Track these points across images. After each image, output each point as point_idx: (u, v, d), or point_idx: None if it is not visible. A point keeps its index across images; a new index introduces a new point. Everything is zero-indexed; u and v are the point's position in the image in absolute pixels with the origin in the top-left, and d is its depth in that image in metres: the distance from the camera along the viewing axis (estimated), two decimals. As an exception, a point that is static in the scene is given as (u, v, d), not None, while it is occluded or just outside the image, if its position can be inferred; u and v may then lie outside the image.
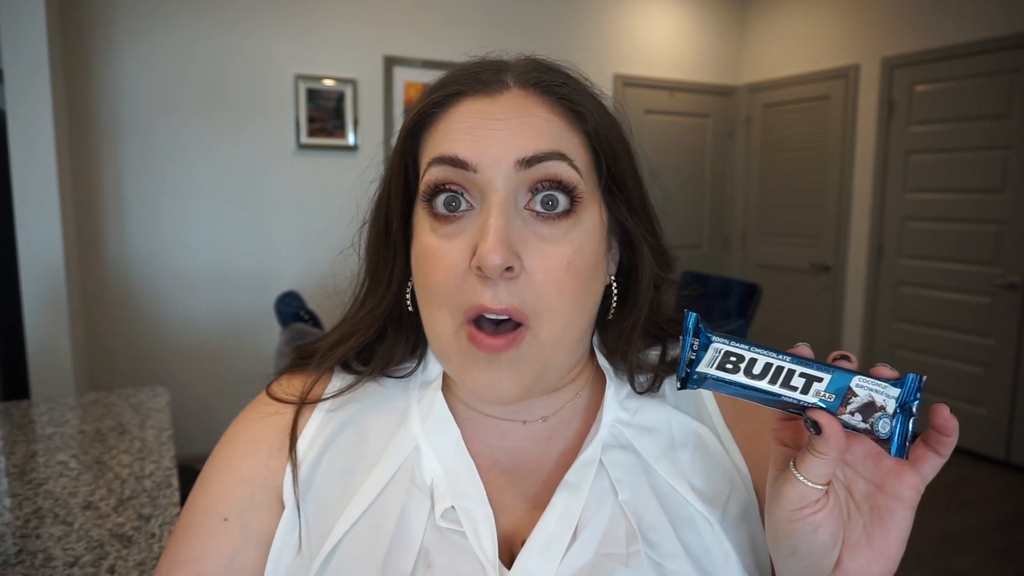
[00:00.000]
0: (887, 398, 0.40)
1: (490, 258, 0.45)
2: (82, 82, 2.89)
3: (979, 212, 3.34)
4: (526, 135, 0.49)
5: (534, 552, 0.49)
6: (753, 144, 4.54)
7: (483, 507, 0.51)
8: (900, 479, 0.41)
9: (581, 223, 0.50)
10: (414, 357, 0.60)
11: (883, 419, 0.39)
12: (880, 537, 0.41)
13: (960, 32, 3.37)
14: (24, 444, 1.31)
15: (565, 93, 0.51)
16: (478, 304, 0.48)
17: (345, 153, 3.42)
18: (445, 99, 0.52)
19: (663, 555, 0.49)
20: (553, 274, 0.48)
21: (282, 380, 0.60)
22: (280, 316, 2.32)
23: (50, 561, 0.89)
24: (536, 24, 3.82)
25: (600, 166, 0.53)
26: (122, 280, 3.06)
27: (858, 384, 0.40)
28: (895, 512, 0.41)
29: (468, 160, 0.49)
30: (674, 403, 0.58)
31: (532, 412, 0.57)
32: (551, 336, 0.49)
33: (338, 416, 0.57)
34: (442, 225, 0.50)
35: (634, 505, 0.51)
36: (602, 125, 0.52)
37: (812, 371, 0.40)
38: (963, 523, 2.71)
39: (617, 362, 0.58)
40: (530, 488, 0.54)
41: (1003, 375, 3.28)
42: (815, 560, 0.42)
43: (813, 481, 0.40)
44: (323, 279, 3.60)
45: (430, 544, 0.50)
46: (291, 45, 3.24)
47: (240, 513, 0.53)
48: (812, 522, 0.41)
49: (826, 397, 0.40)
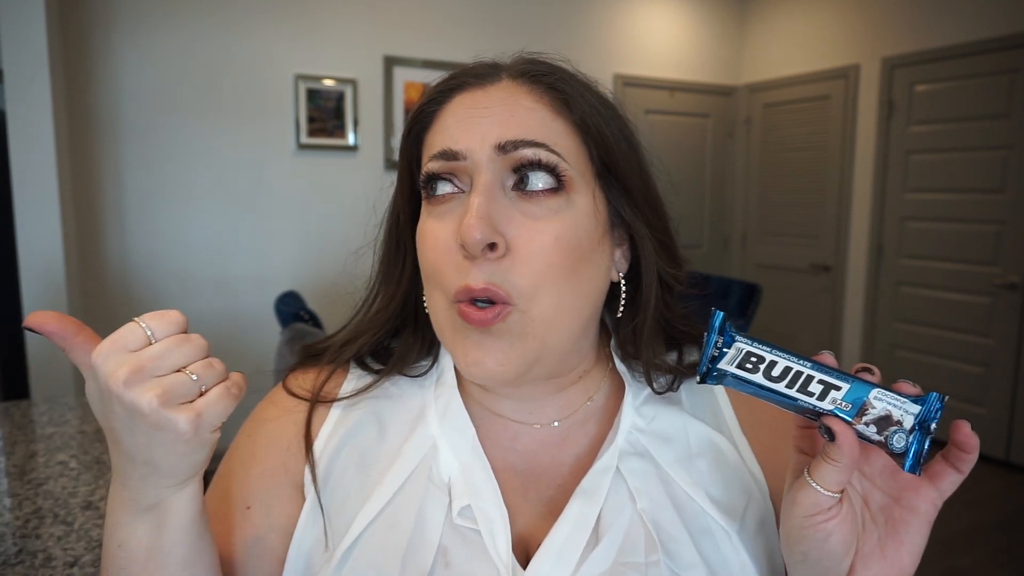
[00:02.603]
0: (905, 413, 0.40)
1: (470, 233, 0.46)
2: (82, 82, 2.89)
3: (979, 212, 3.34)
4: (508, 122, 0.50)
5: (548, 557, 0.49)
6: (753, 144, 4.53)
7: (498, 508, 0.51)
8: (918, 493, 0.41)
9: (572, 204, 0.51)
10: (429, 356, 0.61)
11: (899, 433, 0.39)
12: (894, 549, 0.41)
13: (960, 32, 3.37)
14: (24, 444, 1.31)
15: (552, 82, 0.52)
16: (463, 286, 0.48)
17: (345, 153, 3.42)
18: (442, 95, 0.54)
19: (682, 566, 0.49)
20: (540, 249, 0.49)
21: (297, 375, 0.61)
22: (280, 316, 2.32)
23: (50, 561, 0.89)
24: (536, 24, 3.82)
25: (590, 153, 0.53)
26: (122, 280, 3.06)
27: (876, 397, 0.40)
28: (911, 525, 0.41)
29: (457, 150, 0.50)
30: (691, 411, 0.57)
31: (543, 416, 0.57)
32: (543, 313, 0.49)
33: (355, 413, 0.57)
34: (436, 207, 0.52)
35: (652, 514, 0.51)
36: (591, 115, 0.52)
37: (831, 379, 0.40)
38: (963, 523, 2.71)
39: (633, 364, 0.58)
40: (545, 492, 0.54)
41: (1003, 375, 3.28)
42: (825, 568, 0.42)
43: (826, 488, 0.40)
44: (324, 279, 3.60)
45: (448, 542, 0.50)
46: (291, 45, 3.24)
47: (262, 502, 0.54)
48: (824, 529, 0.41)
49: (842, 406, 0.40)
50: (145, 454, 0.41)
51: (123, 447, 0.42)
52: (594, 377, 0.59)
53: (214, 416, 0.41)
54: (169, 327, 0.41)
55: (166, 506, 0.44)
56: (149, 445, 0.40)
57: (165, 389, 0.39)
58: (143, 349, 0.40)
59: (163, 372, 0.40)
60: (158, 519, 0.45)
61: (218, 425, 0.42)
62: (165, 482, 0.43)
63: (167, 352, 0.40)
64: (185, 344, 0.41)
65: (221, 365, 0.42)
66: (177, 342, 0.40)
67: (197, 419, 0.40)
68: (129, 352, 0.39)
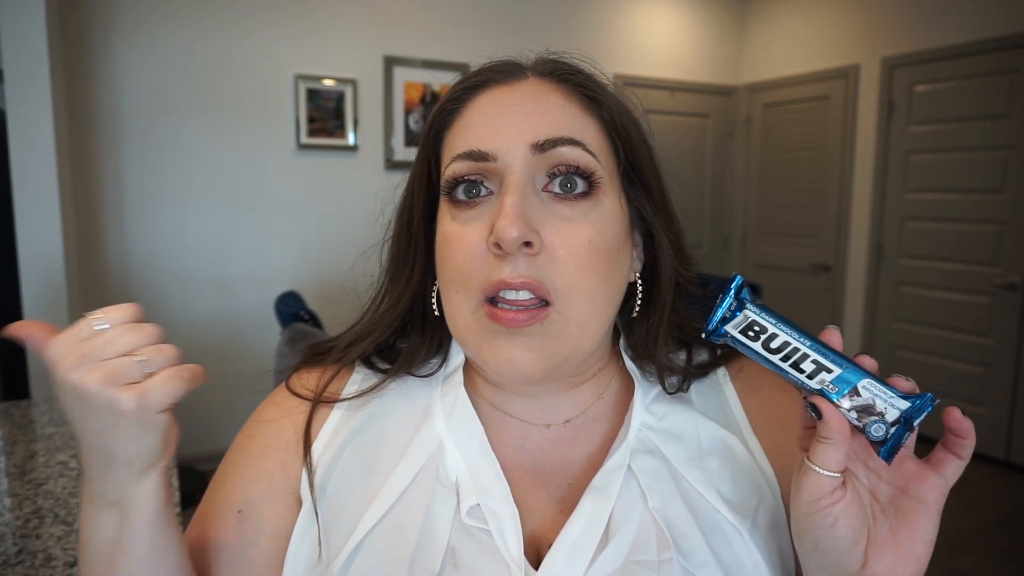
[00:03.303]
0: (891, 407, 0.41)
1: (507, 231, 0.46)
2: (82, 82, 2.89)
3: (979, 212, 3.34)
4: (540, 120, 0.50)
5: (560, 555, 0.49)
6: (753, 144, 4.53)
7: (508, 506, 0.51)
8: (923, 482, 0.42)
9: (601, 205, 0.50)
10: (438, 355, 0.60)
11: (878, 423, 0.41)
12: (907, 538, 0.42)
13: (960, 32, 3.37)
14: (24, 444, 1.31)
15: (580, 80, 0.52)
16: (496, 280, 0.47)
17: (345, 153, 3.42)
18: (466, 92, 0.53)
19: (694, 564, 0.49)
20: (575, 252, 0.48)
21: (301, 375, 0.60)
22: (280, 316, 2.32)
23: (50, 561, 0.89)
24: (536, 24, 3.82)
25: (618, 153, 0.53)
26: (122, 280, 3.06)
27: (865, 386, 0.41)
28: (920, 514, 0.42)
29: (487, 151, 0.49)
30: (701, 409, 0.57)
31: (555, 415, 0.56)
32: (579, 316, 0.49)
33: (358, 414, 0.57)
34: (461, 211, 0.51)
35: (664, 512, 0.51)
36: (618, 114, 0.53)
37: (825, 361, 0.42)
38: (963, 523, 2.71)
39: (645, 364, 0.57)
40: (556, 491, 0.54)
41: (1003, 375, 3.28)
42: (836, 556, 0.42)
43: (824, 467, 0.41)
44: (324, 279, 3.60)
45: (456, 542, 0.50)
46: (291, 45, 3.24)
47: (254, 507, 0.54)
48: (830, 514, 0.41)
49: (829, 387, 0.41)
50: (98, 441, 0.43)
51: (82, 437, 0.43)
52: (605, 375, 0.59)
53: (160, 395, 0.42)
54: (120, 317, 0.43)
55: (128, 501, 0.45)
56: (100, 430, 0.42)
57: (110, 371, 0.41)
58: (92, 337, 0.42)
59: (109, 356, 0.41)
60: (121, 514, 0.46)
61: (166, 406, 0.42)
62: (123, 473, 0.44)
63: (114, 339, 0.42)
64: (133, 331, 0.42)
65: (173, 351, 0.44)
66: (125, 330, 0.42)
67: (141, 398, 0.41)
68: (79, 341, 0.41)
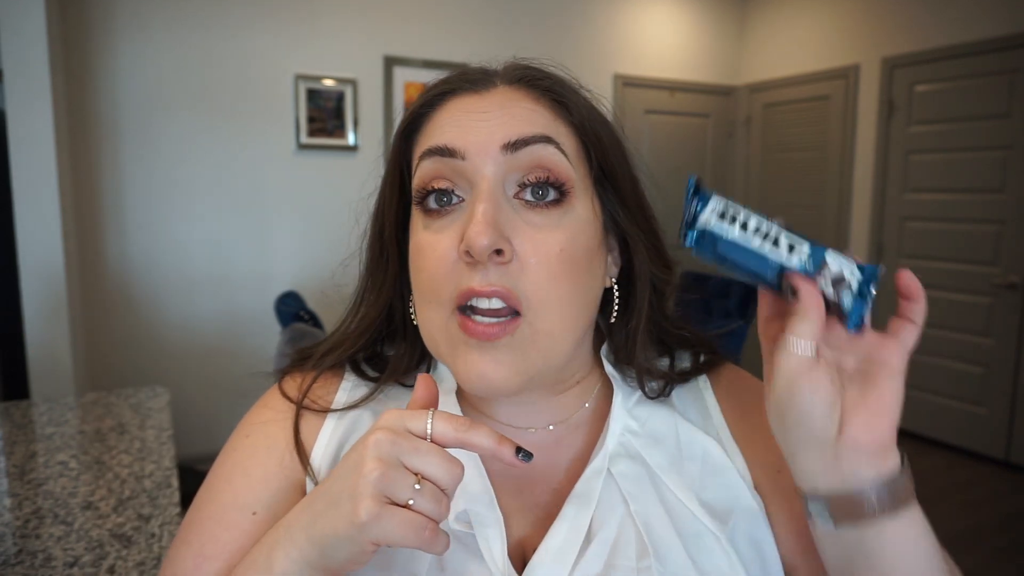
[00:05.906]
0: (852, 275, 0.43)
1: (478, 239, 0.45)
2: (82, 82, 2.89)
3: (979, 212, 3.34)
4: (511, 123, 0.50)
5: (544, 561, 0.49)
6: (753, 144, 4.54)
7: (493, 511, 0.51)
8: (884, 347, 0.44)
9: (573, 211, 0.50)
10: (423, 364, 0.60)
11: (846, 293, 0.43)
12: (875, 399, 0.43)
13: (960, 32, 3.37)
14: (24, 444, 1.31)
15: (549, 86, 0.52)
16: (466, 288, 0.47)
17: (345, 153, 3.42)
18: (435, 98, 0.53)
19: (673, 571, 0.49)
20: (546, 260, 0.48)
21: (294, 376, 0.60)
22: (280, 316, 2.32)
23: (50, 561, 0.89)
24: (536, 24, 3.82)
25: (590, 157, 0.53)
26: (122, 280, 3.06)
27: (831, 257, 0.43)
28: (884, 377, 0.43)
29: (455, 148, 0.49)
30: (681, 411, 0.57)
31: (539, 420, 0.56)
32: (549, 326, 0.49)
33: (350, 419, 0.57)
34: (433, 220, 0.51)
35: (644, 516, 0.51)
36: (588, 119, 0.52)
37: (794, 236, 0.44)
38: (963, 523, 2.71)
39: (625, 369, 0.57)
40: (540, 497, 0.54)
41: (1003, 375, 3.28)
42: (815, 428, 0.43)
43: (802, 336, 0.42)
44: (324, 281, 3.60)
45: None
46: (291, 45, 3.24)
47: (268, 508, 0.53)
48: (808, 389, 0.42)
49: (806, 263, 0.44)
50: (320, 527, 0.42)
51: (311, 509, 0.44)
52: (590, 382, 0.59)
53: (389, 530, 0.40)
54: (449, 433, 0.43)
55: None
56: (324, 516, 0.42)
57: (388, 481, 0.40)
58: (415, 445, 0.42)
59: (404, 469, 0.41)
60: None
61: (386, 543, 0.41)
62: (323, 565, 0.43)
63: (424, 456, 0.41)
64: (445, 463, 0.42)
65: (445, 503, 0.42)
66: (440, 459, 0.42)
67: (376, 519, 0.40)
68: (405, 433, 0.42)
